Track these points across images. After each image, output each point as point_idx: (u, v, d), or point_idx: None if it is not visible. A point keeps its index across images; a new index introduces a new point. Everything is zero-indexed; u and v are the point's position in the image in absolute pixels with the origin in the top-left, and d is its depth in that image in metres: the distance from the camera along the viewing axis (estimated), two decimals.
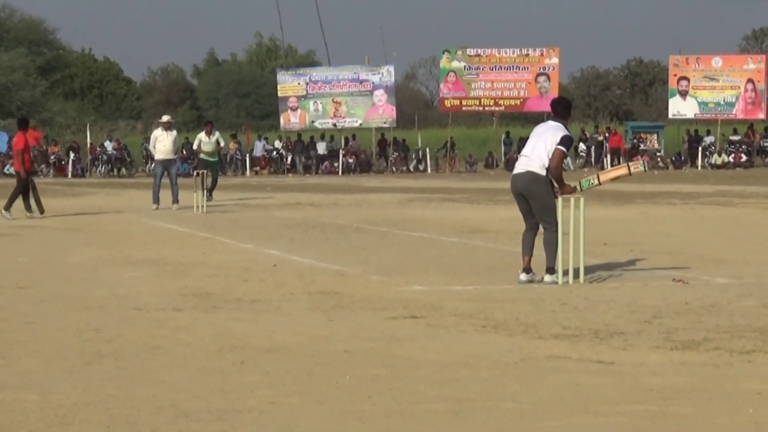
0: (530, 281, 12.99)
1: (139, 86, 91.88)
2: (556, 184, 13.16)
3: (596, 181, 13.55)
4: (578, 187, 13.33)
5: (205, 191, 27.29)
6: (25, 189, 24.73)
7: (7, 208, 24.37)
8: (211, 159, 29.92)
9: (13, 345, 9.35)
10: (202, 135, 30.02)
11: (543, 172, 13.08)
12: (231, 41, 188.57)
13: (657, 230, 19.94)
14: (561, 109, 13.67)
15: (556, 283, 12.91)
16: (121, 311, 11.14)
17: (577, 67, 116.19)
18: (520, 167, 13.35)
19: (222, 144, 31.45)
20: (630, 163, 13.57)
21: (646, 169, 13.86)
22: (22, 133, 25.24)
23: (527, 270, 13.09)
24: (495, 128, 61.12)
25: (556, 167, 13.10)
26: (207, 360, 8.68)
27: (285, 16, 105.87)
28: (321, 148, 54.50)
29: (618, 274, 13.81)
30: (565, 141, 13.18)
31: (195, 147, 31.25)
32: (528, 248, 13.14)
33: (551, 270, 13.03)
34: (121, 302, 11.74)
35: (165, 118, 28.81)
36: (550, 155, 13.06)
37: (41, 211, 24.39)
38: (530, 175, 13.13)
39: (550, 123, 13.50)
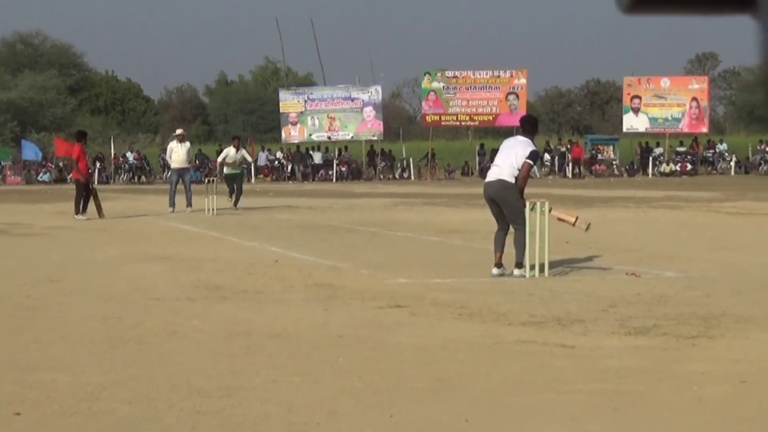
0: (501, 275, 13.00)
1: (157, 104, 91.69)
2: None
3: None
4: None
5: (231, 200, 27.27)
6: (86, 194, 24.51)
7: (77, 212, 24.22)
8: (234, 171, 28.52)
9: (46, 331, 9.34)
10: (230, 149, 28.60)
11: (513, 180, 13.10)
12: (239, 64, 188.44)
13: (613, 230, 19.95)
14: (529, 126, 13.69)
15: (524, 276, 12.93)
16: (142, 301, 11.14)
17: (542, 86, 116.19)
18: (492, 176, 13.37)
19: (248, 159, 30.84)
20: (579, 220, 13.55)
21: (587, 230, 13.92)
22: (80, 144, 25.13)
23: (498, 265, 13.10)
24: (470, 141, 61.05)
25: (523, 178, 13.14)
26: (217, 344, 8.68)
27: (286, 43, 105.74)
28: (317, 158, 54.53)
29: (578, 268, 13.82)
30: (533, 155, 13.23)
31: (219, 160, 29.48)
32: (499, 246, 13.16)
33: (520, 265, 13.06)
34: (141, 293, 11.73)
35: (179, 131, 28.80)
36: (520, 167, 13.09)
37: (100, 215, 24.22)
38: (501, 183, 13.15)
39: (519, 138, 13.52)
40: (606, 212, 25.83)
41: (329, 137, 54.81)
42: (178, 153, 27.50)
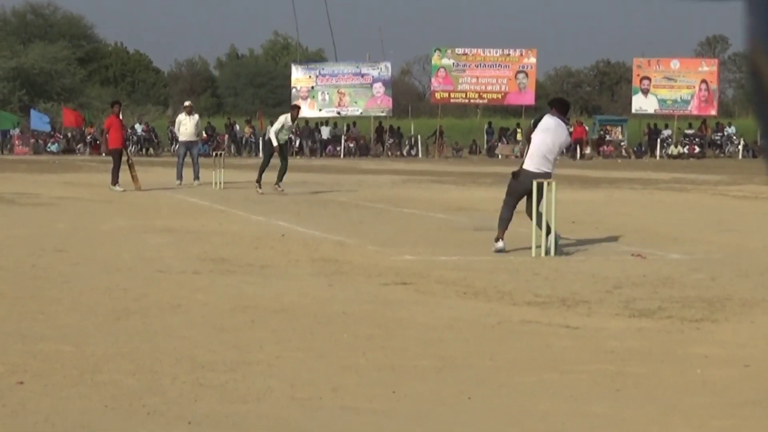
0: (501, 250, 13.03)
1: (167, 76, 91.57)
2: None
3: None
4: None
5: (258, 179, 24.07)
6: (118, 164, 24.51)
7: (113, 183, 24.20)
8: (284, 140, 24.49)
9: (52, 302, 9.35)
10: (287, 118, 24.18)
11: (549, 170, 13.27)
12: (249, 38, 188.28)
13: (619, 211, 19.93)
14: (562, 107, 13.93)
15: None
16: (147, 273, 11.14)
17: (552, 66, 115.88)
18: (532, 166, 13.34)
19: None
20: None
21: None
22: (112, 113, 25.15)
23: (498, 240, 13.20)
24: (479, 119, 60.99)
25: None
26: (222, 318, 8.68)
27: (299, 18, 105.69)
28: (325, 132, 54.52)
29: (584, 249, 13.81)
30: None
31: (276, 128, 24.35)
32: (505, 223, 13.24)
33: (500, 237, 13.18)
34: (146, 265, 11.73)
35: (187, 103, 28.84)
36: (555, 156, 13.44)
37: (136, 186, 24.17)
38: (542, 175, 13.23)
39: (558, 120, 13.59)
40: (612, 193, 25.80)
41: (339, 113, 54.80)
42: (186, 125, 27.45)
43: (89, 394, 6.23)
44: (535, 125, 13.78)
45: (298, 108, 26.29)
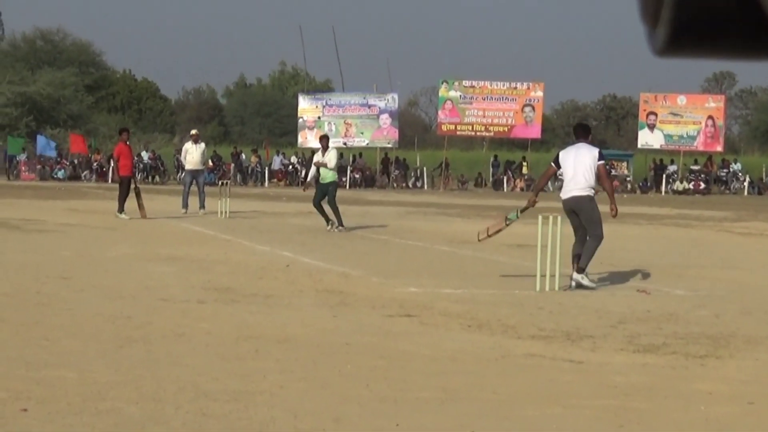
0: (579, 285, 13.05)
1: (174, 104, 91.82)
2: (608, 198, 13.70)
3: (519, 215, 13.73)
4: (505, 222, 13.63)
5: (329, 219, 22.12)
6: (125, 192, 24.48)
7: (120, 210, 24.18)
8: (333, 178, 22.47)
9: (55, 328, 9.35)
10: (332, 152, 22.37)
11: (589, 192, 13.28)
12: (257, 67, 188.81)
13: (624, 246, 19.91)
14: (583, 132, 14.00)
15: (582, 283, 12.92)
16: (151, 301, 11.14)
17: (559, 100, 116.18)
18: (567, 193, 13.49)
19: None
20: (507, 222, 13.79)
21: (507, 225, 14.09)
22: (120, 141, 25.16)
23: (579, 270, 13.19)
24: (485, 151, 61.07)
25: (605, 179, 13.86)
26: (225, 347, 8.67)
27: (307, 48, 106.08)
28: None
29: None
30: (601, 155, 13.67)
31: (322, 161, 22.42)
32: (577, 258, 13.25)
33: (582, 270, 13.12)
34: (150, 293, 11.74)
35: (193, 131, 28.86)
36: (593, 176, 13.46)
37: (142, 215, 24.06)
38: (578, 198, 13.32)
39: (579, 144, 13.67)
40: (617, 228, 25.77)
41: (345, 143, 54.84)
42: (192, 154, 27.44)
43: (92, 422, 6.23)
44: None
45: (327, 138, 23.98)
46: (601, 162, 13.58)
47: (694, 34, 1.20)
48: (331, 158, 22.40)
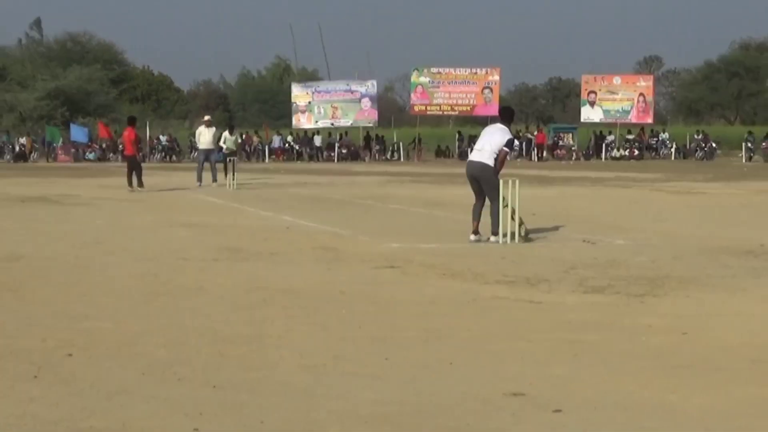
0: (478, 241, 12.97)
1: (186, 94, 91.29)
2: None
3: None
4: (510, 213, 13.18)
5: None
6: (130, 168, 24.53)
7: (140, 185, 24.18)
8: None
9: (92, 286, 9.31)
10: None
11: (491, 162, 13.06)
12: (257, 61, 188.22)
13: (572, 204, 19.94)
14: (507, 115, 13.68)
15: (498, 242, 12.90)
16: (173, 261, 11.10)
17: (513, 82, 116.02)
18: (473, 157, 13.32)
19: None
20: (523, 226, 13.29)
21: (525, 236, 13.48)
22: (132, 127, 25.11)
23: (476, 232, 13.08)
24: (451, 128, 60.90)
25: (501, 162, 13.15)
26: (238, 298, 8.65)
27: (298, 43, 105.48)
28: (317, 141, 54.51)
29: (544, 236, 13.80)
30: (509, 143, 13.22)
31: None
32: (476, 216, 13.15)
33: (495, 232, 13.03)
34: (172, 254, 11.69)
35: (206, 117, 28.73)
36: (497, 153, 13.04)
37: (141, 185, 24.22)
38: (481, 165, 13.12)
39: (498, 125, 13.46)
40: (566, 189, 25.81)
41: (332, 124, 54.72)
42: (205, 136, 27.51)
43: (127, 364, 6.21)
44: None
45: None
46: (506, 149, 13.16)
47: None
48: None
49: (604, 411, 5.26)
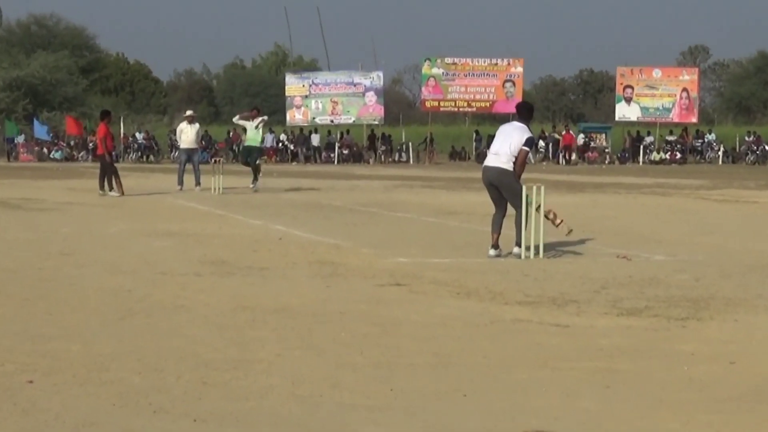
0: (497, 256, 12.98)
1: (166, 85, 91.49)
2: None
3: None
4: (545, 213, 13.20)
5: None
6: (103, 170, 24.57)
7: (112, 189, 24.22)
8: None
9: (59, 302, 9.33)
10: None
11: (510, 166, 13.07)
12: (249, 49, 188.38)
13: (605, 214, 19.95)
14: (525, 112, 13.63)
15: (520, 256, 12.91)
16: (150, 275, 11.12)
17: (538, 75, 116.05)
18: (490, 162, 13.32)
19: None
20: (563, 223, 13.32)
21: (568, 234, 13.62)
22: (104, 123, 25.10)
23: (495, 246, 13.08)
24: (467, 126, 61.01)
25: (520, 165, 13.11)
26: (223, 318, 8.67)
27: (293, 29, 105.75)
28: (315, 140, 54.59)
29: (572, 250, 13.81)
30: (529, 142, 13.21)
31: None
32: (497, 228, 13.14)
33: (519, 243, 13.04)
34: (149, 267, 11.71)
35: (188, 112, 28.78)
36: (516, 154, 13.05)
37: (121, 192, 24.19)
38: (499, 170, 13.12)
39: (516, 124, 13.44)
40: (598, 197, 25.82)
41: (332, 120, 54.80)
42: (187, 134, 27.39)
43: (97, 392, 6.22)
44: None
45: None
46: (525, 148, 13.17)
47: None
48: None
49: None
